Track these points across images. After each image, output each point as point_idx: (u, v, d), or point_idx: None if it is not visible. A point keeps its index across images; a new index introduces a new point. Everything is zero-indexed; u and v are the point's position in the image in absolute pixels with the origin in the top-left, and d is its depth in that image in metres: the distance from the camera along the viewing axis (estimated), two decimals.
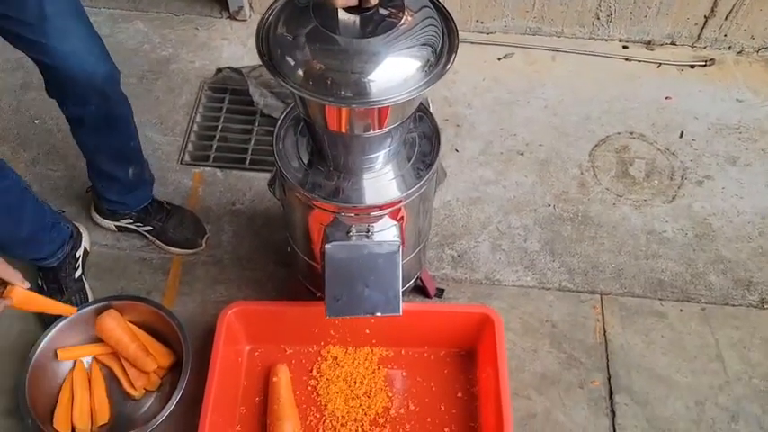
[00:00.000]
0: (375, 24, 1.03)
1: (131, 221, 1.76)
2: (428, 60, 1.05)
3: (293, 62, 1.04)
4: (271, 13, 1.11)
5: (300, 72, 1.03)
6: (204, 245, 1.80)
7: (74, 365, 1.56)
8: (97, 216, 1.81)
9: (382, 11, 1.05)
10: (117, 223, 1.79)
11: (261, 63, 2.25)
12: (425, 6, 1.09)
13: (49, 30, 1.27)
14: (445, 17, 1.11)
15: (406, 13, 1.05)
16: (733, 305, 1.73)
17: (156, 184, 1.79)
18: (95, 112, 1.44)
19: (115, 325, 1.56)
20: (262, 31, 1.09)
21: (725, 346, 1.66)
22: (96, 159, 1.61)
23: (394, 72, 1.02)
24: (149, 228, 1.77)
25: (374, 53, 1.01)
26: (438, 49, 1.07)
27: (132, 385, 1.54)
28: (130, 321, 1.59)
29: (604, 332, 1.68)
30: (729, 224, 1.88)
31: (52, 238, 1.59)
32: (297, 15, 1.07)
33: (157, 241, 1.79)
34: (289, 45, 1.05)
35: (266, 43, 1.08)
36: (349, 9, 1.04)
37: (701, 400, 1.58)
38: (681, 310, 1.72)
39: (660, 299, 1.74)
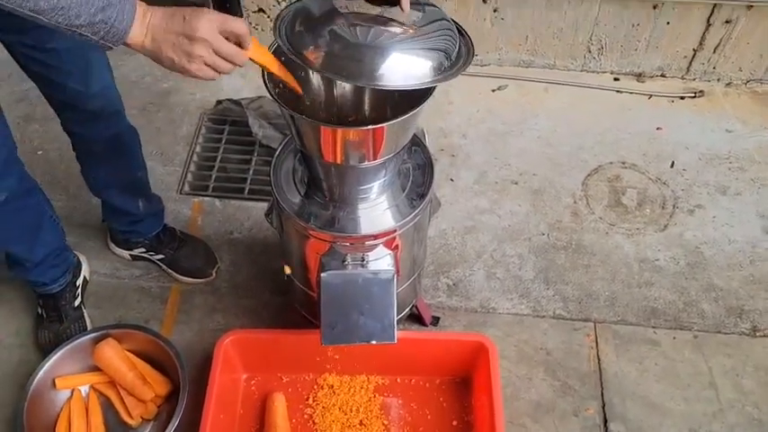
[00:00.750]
0: (397, 24, 1.04)
1: (144, 250, 1.80)
2: (442, 64, 1.04)
3: (311, 42, 1.03)
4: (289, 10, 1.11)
5: (317, 51, 1.02)
6: (215, 275, 1.82)
7: (71, 394, 1.57)
8: (113, 245, 1.85)
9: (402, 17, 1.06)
10: (131, 252, 1.82)
11: (259, 95, 2.29)
12: (443, 18, 1.11)
13: (89, 78, 1.34)
14: (461, 33, 1.13)
15: (426, 16, 1.07)
16: (725, 333, 1.75)
17: None
18: (109, 145, 1.52)
19: (113, 354, 1.57)
20: (280, 22, 1.10)
21: (718, 374, 1.67)
22: (107, 194, 1.66)
23: (408, 64, 1.02)
24: (161, 256, 1.80)
25: (391, 49, 1.01)
26: (453, 56, 1.07)
27: (129, 414, 1.55)
28: (128, 350, 1.60)
29: (598, 360, 1.70)
30: (721, 252, 1.90)
31: (58, 263, 1.62)
32: (316, 10, 1.07)
33: (169, 269, 1.81)
34: (310, 28, 1.05)
35: (285, 36, 1.07)
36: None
37: (694, 428, 1.58)
38: (674, 338, 1.74)
39: (653, 327, 1.76)
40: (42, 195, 1.53)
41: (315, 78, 1.26)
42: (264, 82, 1.11)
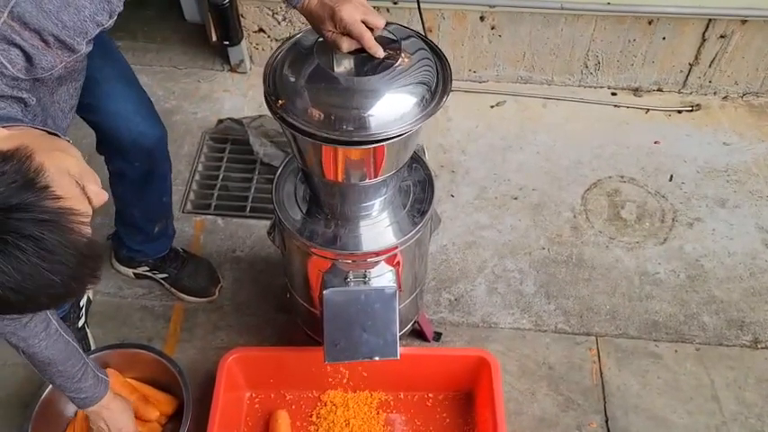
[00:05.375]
0: (374, 64, 1.08)
1: (148, 269, 1.81)
2: (423, 97, 1.08)
3: (298, 101, 1.08)
4: (277, 56, 1.15)
5: (305, 110, 1.07)
6: (217, 293, 1.83)
7: (75, 414, 1.58)
8: (117, 263, 1.86)
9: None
10: (135, 270, 1.83)
11: (261, 114, 2.31)
12: (421, 48, 1.14)
13: (97, 92, 1.35)
14: (439, 56, 1.16)
15: (403, 54, 1.10)
16: (727, 345, 1.75)
17: None
18: (139, 169, 1.52)
19: (113, 381, 1.57)
20: (269, 71, 1.13)
21: (720, 387, 1.68)
22: (128, 212, 1.67)
23: (391, 107, 1.06)
24: (165, 275, 1.81)
25: (373, 90, 1.06)
26: (433, 87, 1.11)
27: None
28: (131, 370, 1.61)
29: (601, 374, 1.70)
30: (721, 265, 1.91)
31: None
32: (301, 57, 1.12)
33: (172, 288, 1.82)
34: (294, 85, 1.09)
35: (273, 84, 1.12)
36: (352, 51, 1.09)
37: None
38: (676, 351, 1.74)
39: (655, 340, 1.76)
40: None
41: None
42: (266, 101, 1.13)
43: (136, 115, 1.44)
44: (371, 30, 1.07)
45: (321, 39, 1.12)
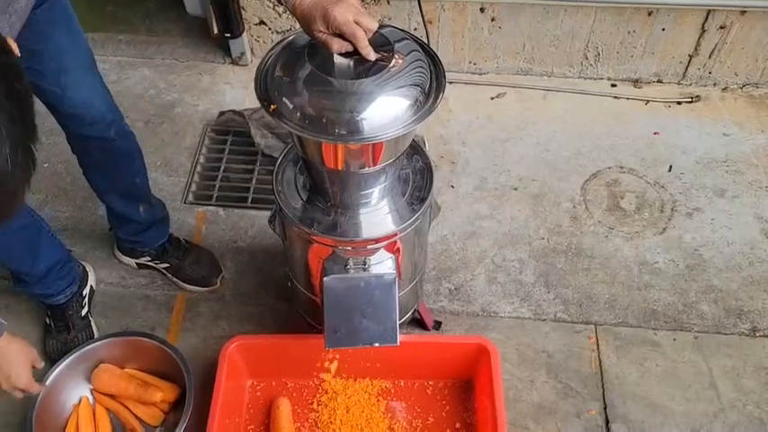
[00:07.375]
0: (367, 67, 1.10)
1: (150, 259, 1.83)
2: (417, 99, 1.11)
3: (291, 104, 1.10)
4: (268, 59, 1.18)
5: (297, 112, 1.09)
6: (219, 283, 1.84)
7: (79, 401, 1.59)
8: (119, 254, 1.88)
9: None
10: (137, 260, 1.85)
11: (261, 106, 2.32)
12: (414, 50, 1.16)
13: (65, 81, 1.36)
14: (433, 58, 1.18)
15: (396, 56, 1.12)
16: (725, 334, 1.76)
17: None
18: (101, 151, 1.54)
19: (110, 374, 1.60)
20: (261, 74, 1.16)
21: (718, 375, 1.69)
22: (107, 199, 1.69)
23: (385, 110, 1.08)
24: (167, 265, 1.83)
25: (366, 93, 1.07)
26: (426, 89, 1.13)
27: (138, 417, 1.57)
28: (134, 359, 1.63)
29: (600, 362, 1.71)
30: (719, 254, 1.92)
31: (63, 275, 1.65)
32: (293, 59, 1.14)
33: (174, 278, 1.84)
34: (286, 87, 1.12)
35: (265, 86, 1.14)
36: (343, 53, 1.11)
37: (696, 428, 1.60)
38: (674, 340, 1.75)
39: (654, 328, 1.77)
40: (35, 213, 1.56)
41: None
42: (260, 101, 1.13)
43: (102, 103, 1.46)
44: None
45: (312, 41, 1.13)
